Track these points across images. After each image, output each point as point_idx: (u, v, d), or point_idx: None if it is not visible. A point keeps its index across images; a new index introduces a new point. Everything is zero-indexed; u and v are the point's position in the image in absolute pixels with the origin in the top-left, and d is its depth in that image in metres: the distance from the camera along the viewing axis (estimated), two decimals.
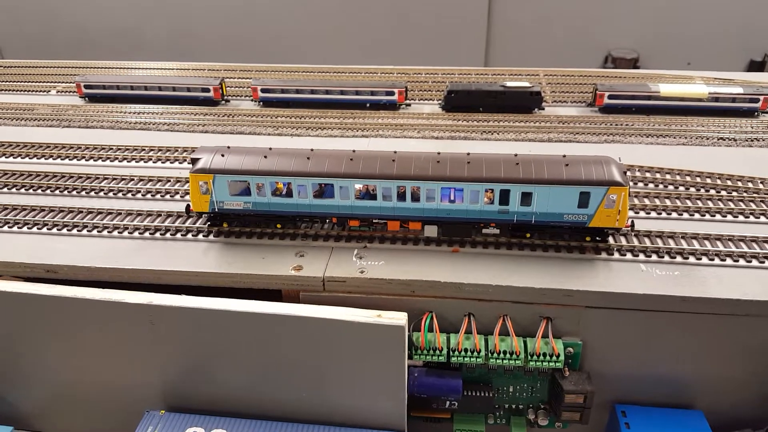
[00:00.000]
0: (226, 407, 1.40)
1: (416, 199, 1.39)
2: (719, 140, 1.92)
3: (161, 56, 4.15)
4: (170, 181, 1.72)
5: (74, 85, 2.34)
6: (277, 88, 2.22)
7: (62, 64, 2.74)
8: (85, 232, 1.51)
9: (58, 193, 1.69)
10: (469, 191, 1.36)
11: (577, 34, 4.32)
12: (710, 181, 1.66)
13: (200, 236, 1.48)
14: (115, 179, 1.73)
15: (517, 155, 1.39)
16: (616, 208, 1.33)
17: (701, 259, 1.36)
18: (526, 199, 1.35)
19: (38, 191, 1.70)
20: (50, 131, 2.08)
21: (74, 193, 1.68)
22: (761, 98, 2.05)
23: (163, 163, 1.84)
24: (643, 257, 1.37)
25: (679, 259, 1.36)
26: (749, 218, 1.51)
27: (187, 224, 1.51)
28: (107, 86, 2.29)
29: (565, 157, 1.37)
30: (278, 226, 1.48)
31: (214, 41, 4.47)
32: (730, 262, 1.35)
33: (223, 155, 1.43)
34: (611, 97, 2.11)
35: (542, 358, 1.32)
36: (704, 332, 1.32)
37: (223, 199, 1.43)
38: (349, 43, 4.37)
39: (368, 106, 2.21)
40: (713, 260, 1.36)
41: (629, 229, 1.41)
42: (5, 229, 1.53)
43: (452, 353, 1.33)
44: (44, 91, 2.47)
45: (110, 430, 1.52)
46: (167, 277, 1.39)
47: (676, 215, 1.53)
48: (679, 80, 2.35)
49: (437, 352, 1.34)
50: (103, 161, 1.86)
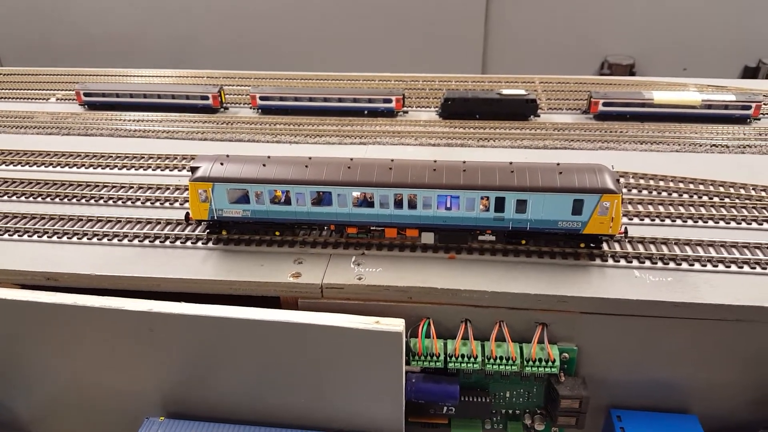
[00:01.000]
0: (225, 414, 1.42)
1: (413, 206, 1.41)
2: (712, 147, 1.94)
3: (160, 62, 4.18)
4: (169, 188, 1.74)
5: (74, 92, 2.35)
6: (275, 95, 2.24)
7: (61, 71, 2.76)
8: (85, 240, 1.52)
9: (58, 201, 1.70)
10: (465, 199, 1.38)
11: (574, 40, 4.35)
12: (703, 187, 1.68)
13: (199, 244, 1.50)
14: (114, 187, 1.75)
15: (512, 163, 1.41)
16: (609, 215, 1.35)
17: (694, 265, 1.38)
18: (521, 206, 1.37)
19: (38, 199, 1.71)
20: (50, 139, 2.10)
21: (74, 201, 1.70)
22: (753, 105, 2.08)
23: (162, 170, 1.85)
24: (636, 263, 1.39)
25: (672, 265, 1.38)
26: (741, 224, 1.53)
27: (186, 232, 1.53)
28: (106, 94, 2.31)
29: (559, 165, 1.39)
30: (277, 233, 1.49)
31: (212, 47, 4.49)
32: (722, 268, 1.37)
33: (222, 164, 1.45)
34: (606, 104, 2.13)
35: (538, 363, 1.33)
36: (698, 337, 1.34)
37: (222, 207, 1.45)
38: (346, 50, 4.40)
39: (366, 113, 2.23)
40: (706, 266, 1.38)
41: (623, 235, 1.43)
42: (6, 237, 1.54)
43: (449, 359, 1.35)
44: (44, 98, 2.49)
45: None
46: (167, 284, 1.40)
47: (669, 221, 1.55)
48: (673, 87, 2.37)
49: (434, 357, 1.35)
50: (102, 169, 1.87)
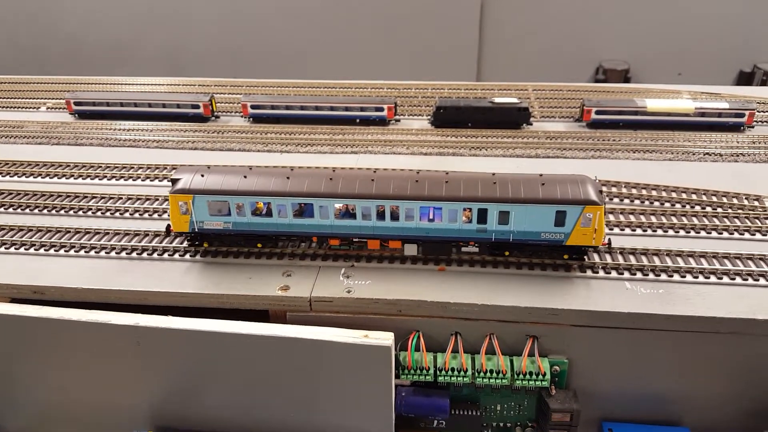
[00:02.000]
0: (213, 427, 1.40)
1: (395, 218, 1.40)
2: (705, 155, 1.93)
3: (151, 69, 4.16)
4: (158, 199, 1.72)
5: (64, 101, 2.34)
6: (266, 104, 2.23)
7: (52, 80, 2.74)
8: (72, 252, 1.51)
9: (46, 212, 1.69)
10: (447, 210, 1.38)
11: (568, 45, 4.35)
12: (696, 197, 1.67)
13: (187, 256, 1.48)
14: (103, 198, 1.73)
15: (494, 174, 1.40)
16: (592, 226, 1.34)
17: (686, 276, 1.37)
18: (503, 217, 1.36)
19: (26, 210, 1.69)
20: (40, 149, 2.08)
21: (62, 212, 1.68)
22: (747, 113, 2.07)
23: (152, 181, 1.84)
24: (628, 275, 1.38)
25: (664, 276, 1.37)
26: (734, 234, 1.52)
27: (174, 244, 1.51)
28: (97, 103, 2.30)
29: (542, 176, 1.39)
30: (259, 245, 1.48)
31: (204, 55, 4.48)
32: (714, 279, 1.36)
33: (202, 175, 1.44)
34: (598, 112, 2.13)
35: (529, 376, 1.32)
36: (689, 350, 1.33)
37: (203, 219, 1.44)
38: (338, 57, 4.39)
39: (358, 122, 2.22)
40: (698, 278, 1.37)
41: (606, 247, 1.42)
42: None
43: (439, 372, 1.34)
44: (34, 107, 2.47)
45: None
46: (155, 298, 1.39)
47: (661, 232, 1.54)
48: (666, 95, 2.37)
49: (424, 371, 1.34)
50: (92, 179, 1.86)
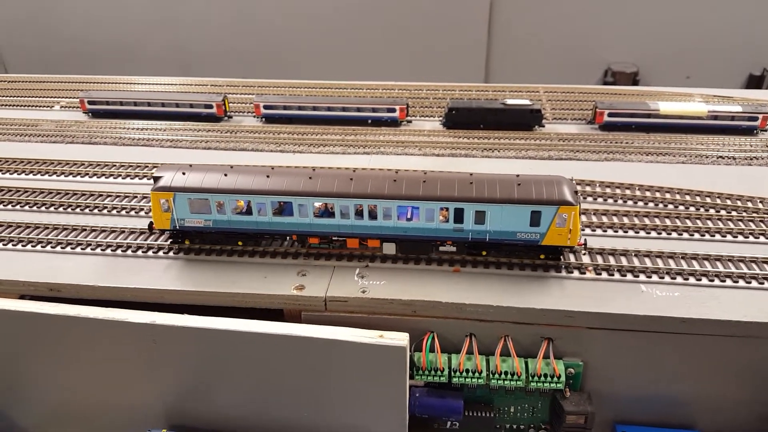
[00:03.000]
0: (227, 426, 1.41)
1: (374, 217, 1.41)
2: (719, 158, 1.93)
3: (162, 69, 4.18)
4: None
5: (78, 100, 2.35)
6: (279, 104, 2.24)
7: (65, 78, 2.76)
8: (89, 250, 1.52)
9: (62, 210, 1.70)
10: (424, 210, 1.39)
11: (577, 47, 4.35)
12: (710, 200, 1.67)
13: (202, 255, 1.49)
14: (118, 196, 1.74)
15: (472, 174, 1.42)
16: (567, 226, 1.35)
17: (701, 279, 1.37)
18: (479, 217, 1.38)
19: (42, 209, 1.71)
20: (54, 147, 2.10)
21: (78, 210, 1.69)
22: (760, 117, 2.07)
23: None
24: (643, 278, 1.38)
25: (679, 279, 1.37)
26: (749, 238, 1.52)
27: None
28: (111, 102, 2.31)
29: (518, 176, 1.40)
30: (240, 243, 1.49)
31: (215, 55, 4.50)
32: (729, 283, 1.36)
33: (184, 173, 1.45)
34: (611, 114, 2.12)
35: (543, 378, 1.32)
36: (704, 353, 1.33)
37: (183, 216, 1.45)
38: (350, 58, 4.40)
39: (370, 122, 2.23)
40: (713, 281, 1.36)
41: (582, 247, 1.43)
42: (9, 246, 1.54)
43: (454, 374, 1.34)
44: (48, 106, 2.49)
45: None
46: (170, 296, 1.40)
47: (676, 235, 1.54)
48: (678, 98, 2.37)
49: (439, 372, 1.34)
50: (106, 178, 1.87)
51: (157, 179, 1.45)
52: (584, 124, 2.22)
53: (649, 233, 1.54)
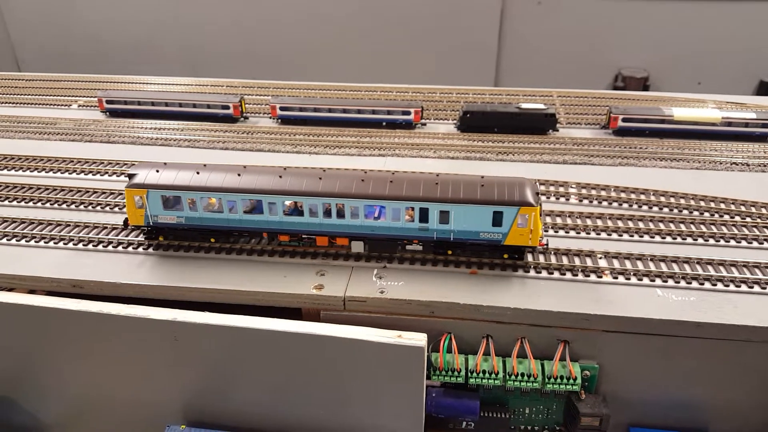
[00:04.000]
0: (245, 423, 1.43)
1: (341, 215, 1.44)
2: (732, 165, 1.94)
3: (177, 69, 4.22)
4: None
5: (95, 99, 2.38)
6: (295, 106, 2.26)
7: (82, 77, 2.79)
8: (110, 248, 1.54)
9: (82, 208, 1.72)
10: (390, 209, 1.42)
11: (587, 53, 4.36)
12: (724, 206, 1.68)
13: (223, 254, 1.51)
14: None
15: (438, 175, 1.45)
16: (528, 227, 1.37)
17: (717, 285, 1.38)
18: (443, 217, 1.40)
19: (62, 206, 1.73)
20: (73, 146, 2.12)
21: (98, 208, 1.72)
22: None
23: None
24: (659, 282, 1.39)
25: (695, 284, 1.38)
26: (763, 244, 1.53)
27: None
28: (128, 102, 2.34)
29: (483, 177, 1.43)
30: (212, 240, 1.52)
31: (230, 56, 4.53)
32: (745, 288, 1.37)
33: (157, 171, 1.49)
34: (625, 120, 2.14)
35: (559, 380, 1.33)
36: (719, 358, 1.34)
37: (156, 213, 1.49)
38: (363, 61, 4.43)
39: (384, 125, 2.24)
40: (728, 286, 1.38)
41: (544, 248, 1.45)
42: (32, 243, 1.56)
43: (470, 374, 1.35)
44: (66, 105, 2.52)
45: None
46: (190, 294, 1.42)
47: (691, 240, 1.55)
48: (692, 104, 2.38)
49: (455, 373, 1.35)
50: (125, 177, 1.89)
51: (132, 176, 1.49)
52: (598, 128, 2.23)
53: (664, 238, 1.55)
